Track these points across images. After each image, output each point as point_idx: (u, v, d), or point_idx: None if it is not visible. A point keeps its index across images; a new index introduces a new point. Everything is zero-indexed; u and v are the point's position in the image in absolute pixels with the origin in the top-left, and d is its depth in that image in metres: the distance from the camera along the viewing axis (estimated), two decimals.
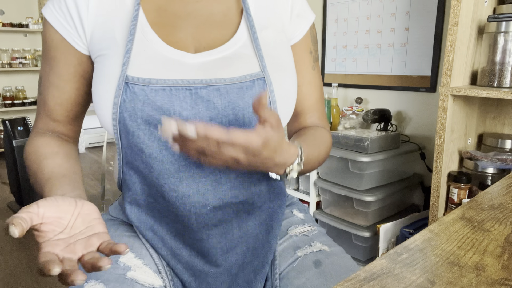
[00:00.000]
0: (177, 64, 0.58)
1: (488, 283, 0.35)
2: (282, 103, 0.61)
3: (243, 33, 0.62)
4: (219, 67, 0.59)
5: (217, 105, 0.57)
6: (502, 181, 0.64)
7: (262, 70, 0.59)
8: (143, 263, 0.63)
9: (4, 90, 3.79)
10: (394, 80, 1.79)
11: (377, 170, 1.52)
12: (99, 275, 0.59)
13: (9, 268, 1.84)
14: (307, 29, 0.69)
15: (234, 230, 0.64)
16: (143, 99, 0.55)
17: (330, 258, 0.66)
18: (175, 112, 0.55)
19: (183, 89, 0.56)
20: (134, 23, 0.58)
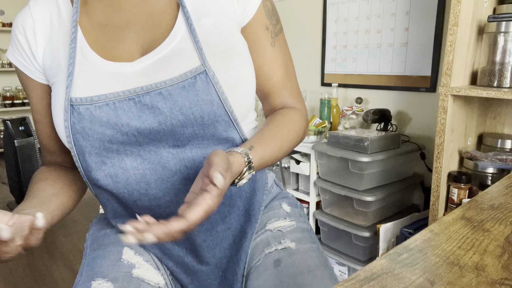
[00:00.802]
0: (117, 76, 0.57)
1: (488, 283, 0.35)
2: (232, 91, 0.58)
3: (181, 27, 0.59)
4: (158, 69, 0.57)
5: (162, 110, 0.55)
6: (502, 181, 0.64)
7: (203, 64, 0.56)
8: (144, 260, 0.64)
9: (4, 90, 3.79)
10: (394, 80, 1.79)
11: (377, 170, 1.52)
12: (106, 273, 0.59)
13: (9, 268, 1.84)
14: (257, 5, 0.63)
15: (218, 225, 0.64)
16: (90, 118, 0.56)
17: (292, 257, 0.64)
18: (123, 124, 0.55)
19: (126, 100, 0.55)
20: (73, 46, 0.58)
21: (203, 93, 0.56)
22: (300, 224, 0.72)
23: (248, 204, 0.67)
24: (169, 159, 0.58)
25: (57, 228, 2.25)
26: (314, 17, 2.12)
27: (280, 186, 0.82)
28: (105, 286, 0.57)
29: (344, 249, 1.64)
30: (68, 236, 2.15)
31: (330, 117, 1.91)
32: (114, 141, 0.56)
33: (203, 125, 0.57)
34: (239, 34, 0.63)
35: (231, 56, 0.59)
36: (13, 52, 0.63)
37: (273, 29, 0.66)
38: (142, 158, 0.58)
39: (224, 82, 0.57)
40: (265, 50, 0.65)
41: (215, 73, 0.57)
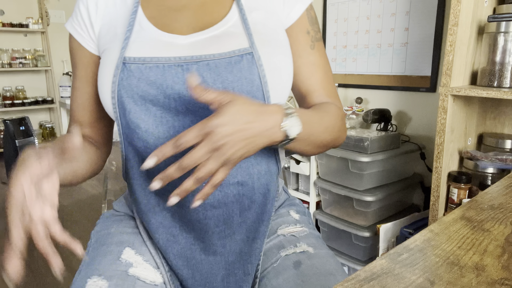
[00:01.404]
0: (169, 44, 0.62)
1: (488, 283, 0.35)
2: (272, 76, 0.62)
3: (234, 15, 0.65)
4: (208, 44, 0.62)
5: (206, 79, 0.59)
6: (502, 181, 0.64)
7: (251, 46, 0.61)
8: (143, 259, 0.65)
9: (4, 90, 3.79)
10: (394, 80, 1.79)
11: (377, 170, 1.52)
12: (102, 271, 0.60)
13: None
14: (302, 11, 0.69)
15: (234, 216, 0.64)
16: (138, 75, 0.59)
17: (312, 260, 0.65)
18: (168, 86, 0.59)
19: (175, 65, 0.60)
20: (133, 17, 0.65)
21: (246, 71, 0.60)
22: (312, 231, 0.73)
23: (264, 204, 0.66)
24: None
25: None
26: None
27: (288, 192, 0.82)
28: (99, 284, 0.58)
29: (344, 249, 1.64)
30: None
31: None
32: (156, 102, 0.60)
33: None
34: (284, 32, 0.68)
35: (276, 47, 0.64)
36: (71, 22, 0.70)
37: (314, 34, 0.71)
38: (175, 129, 0.60)
39: (267, 66, 0.61)
40: (304, 51, 0.69)
41: (260, 56, 0.61)
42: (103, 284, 0.58)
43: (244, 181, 0.62)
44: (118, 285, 0.58)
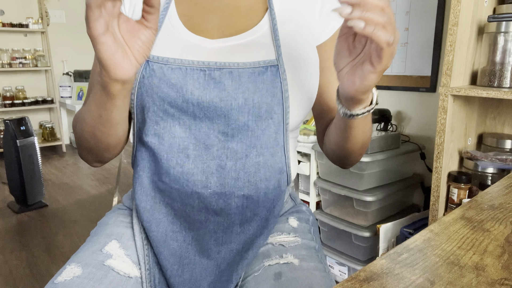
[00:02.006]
0: (195, 47, 0.62)
1: (488, 283, 0.35)
2: (295, 91, 0.61)
3: (265, 25, 0.64)
4: (234, 52, 0.61)
5: (227, 87, 0.59)
6: (502, 181, 0.64)
7: (277, 58, 0.60)
8: (125, 253, 0.66)
9: (4, 90, 3.79)
10: (394, 80, 1.79)
11: (377, 170, 1.52)
12: (81, 259, 0.63)
13: (9, 267, 1.84)
14: (337, 27, 0.67)
15: (235, 226, 0.64)
16: (160, 75, 0.59)
17: (294, 273, 0.61)
18: (187, 90, 0.59)
19: (197, 69, 0.59)
20: (164, 13, 0.64)
21: (269, 83, 0.59)
22: (306, 241, 0.69)
23: (266, 218, 0.66)
24: (214, 143, 0.61)
25: (57, 228, 2.25)
26: None
27: (295, 200, 0.80)
28: (74, 271, 0.61)
29: (344, 249, 1.64)
30: (68, 236, 2.15)
31: None
32: (174, 105, 0.60)
33: (258, 116, 0.59)
34: (314, 47, 0.66)
35: (302, 62, 0.63)
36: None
37: None
38: (191, 132, 0.61)
39: (290, 80, 0.60)
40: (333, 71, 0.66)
41: (285, 70, 0.60)
42: (77, 271, 0.61)
43: (250, 195, 0.62)
44: (91, 273, 0.60)
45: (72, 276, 0.59)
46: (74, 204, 2.61)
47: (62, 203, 2.63)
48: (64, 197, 2.74)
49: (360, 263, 1.56)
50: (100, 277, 0.60)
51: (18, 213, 2.45)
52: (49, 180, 3.12)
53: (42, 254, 1.96)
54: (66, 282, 0.58)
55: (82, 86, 3.91)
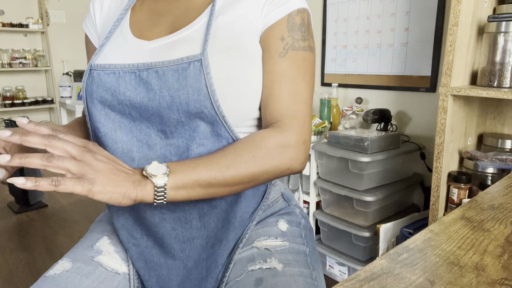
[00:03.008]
0: (132, 51, 0.64)
1: (488, 283, 0.35)
2: (222, 85, 0.58)
3: (201, 20, 0.63)
4: (163, 51, 0.62)
5: (154, 87, 0.59)
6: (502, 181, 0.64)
7: (202, 53, 0.58)
8: (114, 250, 0.68)
9: (4, 90, 3.79)
10: (394, 80, 1.79)
11: (377, 170, 1.52)
12: (73, 254, 0.66)
13: (9, 267, 1.84)
14: (281, 16, 0.63)
15: (193, 220, 0.63)
16: (98, 82, 0.62)
17: (276, 278, 0.60)
18: (120, 92, 0.61)
19: (129, 72, 0.61)
20: (116, 24, 0.68)
21: (192, 79, 0.58)
22: (294, 246, 0.67)
23: (227, 210, 0.64)
24: (156, 142, 0.61)
25: (57, 228, 2.25)
26: (314, 17, 2.12)
27: (289, 201, 0.76)
28: (64, 265, 0.63)
29: (344, 249, 1.64)
30: (68, 236, 2.15)
31: (330, 117, 1.91)
32: (112, 108, 0.62)
33: (189, 112, 0.58)
34: (255, 39, 0.63)
35: (232, 53, 0.60)
36: (86, 19, 0.76)
37: (291, 42, 0.63)
38: (132, 134, 0.62)
39: (216, 74, 0.58)
40: (270, 57, 0.63)
41: (209, 64, 0.58)
42: (67, 266, 0.63)
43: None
44: (80, 268, 0.63)
45: (62, 270, 0.62)
46: (74, 204, 2.61)
47: (62, 203, 2.63)
48: (64, 197, 2.74)
49: (360, 263, 1.56)
50: (87, 272, 0.63)
51: (18, 213, 2.45)
52: None
53: (42, 254, 1.96)
54: (56, 276, 0.61)
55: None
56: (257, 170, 0.57)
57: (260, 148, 0.58)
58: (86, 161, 0.48)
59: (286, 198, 0.76)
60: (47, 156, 0.46)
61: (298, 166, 0.61)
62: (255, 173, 0.57)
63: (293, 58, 0.63)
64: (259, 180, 0.59)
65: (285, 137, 0.60)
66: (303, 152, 0.62)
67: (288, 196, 0.77)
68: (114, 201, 0.49)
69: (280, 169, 0.59)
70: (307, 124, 0.63)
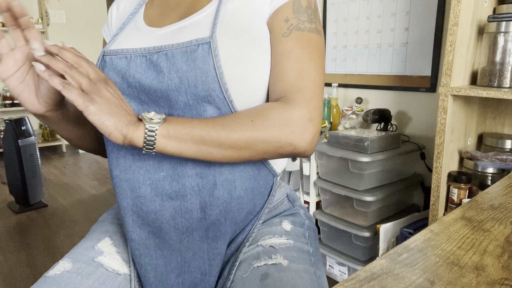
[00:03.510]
0: (144, 37, 0.66)
1: (488, 283, 0.35)
2: (230, 67, 0.59)
3: (211, 6, 0.65)
4: (174, 35, 0.63)
5: (162, 69, 0.60)
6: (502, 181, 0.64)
7: (210, 36, 0.59)
8: (116, 251, 0.68)
9: (4, 90, 3.79)
10: (394, 80, 1.79)
11: (377, 170, 1.52)
12: (74, 254, 0.65)
13: (9, 267, 1.84)
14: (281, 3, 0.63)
15: (194, 210, 0.61)
16: (109, 65, 0.64)
17: (281, 273, 0.59)
18: (130, 75, 0.62)
19: (140, 56, 0.62)
20: (130, 17, 0.71)
21: (200, 61, 0.58)
22: (299, 245, 0.67)
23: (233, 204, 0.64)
24: None
25: (57, 228, 2.25)
26: None
27: (293, 202, 0.76)
28: (65, 266, 0.63)
29: (344, 249, 1.64)
30: (68, 236, 2.15)
31: (330, 117, 1.91)
32: (123, 92, 0.63)
33: (197, 95, 0.59)
34: (262, 23, 0.63)
35: (240, 35, 0.61)
36: (104, 25, 0.79)
37: (296, 23, 0.62)
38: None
39: (224, 55, 0.59)
40: (275, 39, 0.62)
41: (218, 46, 0.59)
42: (67, 266, 0.63)
43: (203, 172, 0.61)
44: (80, 268, 0.62)
45: (62, 271, 0.62)
46: (74, 204, 2.61)
47: (62, 203, 2.63)
48: (64, 197, 2.74)
49: (360, 263, 1.56)
50: (88, 272, 0.62)
51: (18, 213, 2.45)
52: (49, 180, 3.12)
53: (42, 254, 1.96)
54: (56, 276, 0.61)
55: None
56: (253, 135, 0.55)
57: (260, 115, 0.56)
58: (98, 85, 0.53)
59: (291, 199, 0.76)
60: (70, 65, 0.52)
61: (303, 144, 0.57)
62: (251, 138, 0.55)
63: (298, 38, 0.61)
64: (256, 149, 0.56)
65: (288, 110, 0.57)
66: (309, 130, 0.58)
67: (293, 197, 0.77)
68: (104, 128, 0.52)
69: (280, 142, 0.56)
70: (314, 102, 0.59)
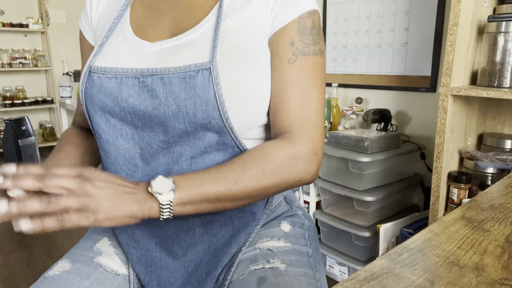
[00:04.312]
0: (134, 53, 0.61)
1: (488, 283, 0.35)
2: (231, 95, 0.56)
3: (208, 21, 0.60)
4: (168, 55, 0.59)
5: (159, 95, 0.57)
6: (502, 181, 0.64)
7: (210, 61, 0.56)
8: (114, 251, 0.68)
9: (4, 90, 3.79)
10: (394, 80, 1.79)
11: (377, 170, 1.52)
12: (73, 255, 0.65)
13: (9, 268, 1.84)
14: (292, 18, 0.60)
15: (196, 228, 0.62)
16: (98, 86, 0.59)
17: (278, 278, 0.58)
18: (122, 99, 0.58)
19: (132, 77, 0.58)
20: (116, 21, 0.65)
21: (200, 89, 0.55)
22: (297, 247, 0.66)
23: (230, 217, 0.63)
24: (159, 150, 0.60)
25: None
26: None
27: (291, 204, 0.75)
28: (64, 266, 0.63)
29: (344, 249, 1.64)
30: (68, 236, 2.15)
31: (330, 117, 1.91)
32: (114, 115, 0.60)
33: (196, 123, 0.57)
34: (264, 43, 0.61)
35: (242, 60, 0.58)
36: (81, 16, 0.72)
37: (301, 46, 0.61)
38: (134, 142, 0.60)
39: (225, 83, 0.56)
40: (279, 64, 0.60)
41: (219, 73, 0.55)
42: (66, 266, 0.63)
43: None
44: (79, 268, 0.62)
45: (61, 271, 0.62)
46: None
47: None
48: None
49: (360, 263, 1.56)
50: (87, 273, 0.62)
51: None
52: None
53: (42, 254, 1.96)
54: (55, 276, 0.61)
55: None
56: (266, 184, 0.56)
57: (269, 161, 0.56)
58: (85, 192, 0.46)
59: (289, 201, 0.75)
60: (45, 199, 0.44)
61: (309, 177, 0.59)
62: (264, 187, 0.56)
63: (303, 64, 0.60)
64: (268, 193, 0.57)
65: (295, 149, 0.57)
66: (314, 163, 0.59)
67: (290, 199, 0.76)
68: (122, 223, 0.48)
69: (290, 182, 0.58)
70: (318, 134, 0.60)
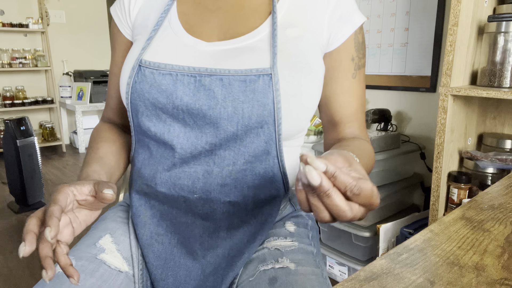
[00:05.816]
0: (189, 50, 0.61)
1: (488, 283, 0.35)
2: (288, 102, 0.58)
3: (265, 29, 0.61)
4: (227, 57, 0.59)
5: (216, 95, 0.57)
6: (502, 181, 0.64)
7: (271, 67, 0.57)
8: (116, 248, 0.67)
9: (4, 90, 3.79)
10: (394, 80, 1.79)
11: (377, 170, 1.52)
12: (76, 252, 0.64)
13: (9, 268, 1.84)
14: (349, 34, 0.64)
15: (221, 231, 0.63)
16: (151, 81, 0.59)
17: (289, 277, 0.59)
18: (177, 96, 0.58)
19: (188, 75, 0.58)
20: (163, 15, 0.64)
21: (260, 94, 0.56)
22: (303, 246, 0.67)
23: (256, 226, 0.65)
24: (202, 151, 0.60)
25: None
26: None
27: (295, 205, 0.77)
28: None
29: (344, 249, 1.64)
30: None
31: None
32: (165, 111, 0.59)
33: (248, 127, 0.57)
34: (318, 54, 0.63)
35: (300, 70, 0.60)
36: (115, 6, 0.71)
37: (358, 61, 0.67)
38: (178, 140, 0.60)
39: (284, 90, 0.57)
40: (345, 79, 0.66)
41: (279, 80, 0.57)
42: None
43: (236, 201, 0.61)
44: (83, 266, 0.61)
45: None
46: None
47: None
48: None
49: (360, 263, 1.56)
50: (91, 270, 0.61)
51: (18, 213, 2.45)
52: (49, 180, 3.12)
53: None
54: (59, 274, 0.60)
55: (82, 86, 3.91)
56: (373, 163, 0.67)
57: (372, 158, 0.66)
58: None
59: (293, 203, 0.76)
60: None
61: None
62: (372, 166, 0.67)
63: (360, 77, 0.68)
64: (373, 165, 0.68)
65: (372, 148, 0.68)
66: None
67: (295, 201, 0.77)
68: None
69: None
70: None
